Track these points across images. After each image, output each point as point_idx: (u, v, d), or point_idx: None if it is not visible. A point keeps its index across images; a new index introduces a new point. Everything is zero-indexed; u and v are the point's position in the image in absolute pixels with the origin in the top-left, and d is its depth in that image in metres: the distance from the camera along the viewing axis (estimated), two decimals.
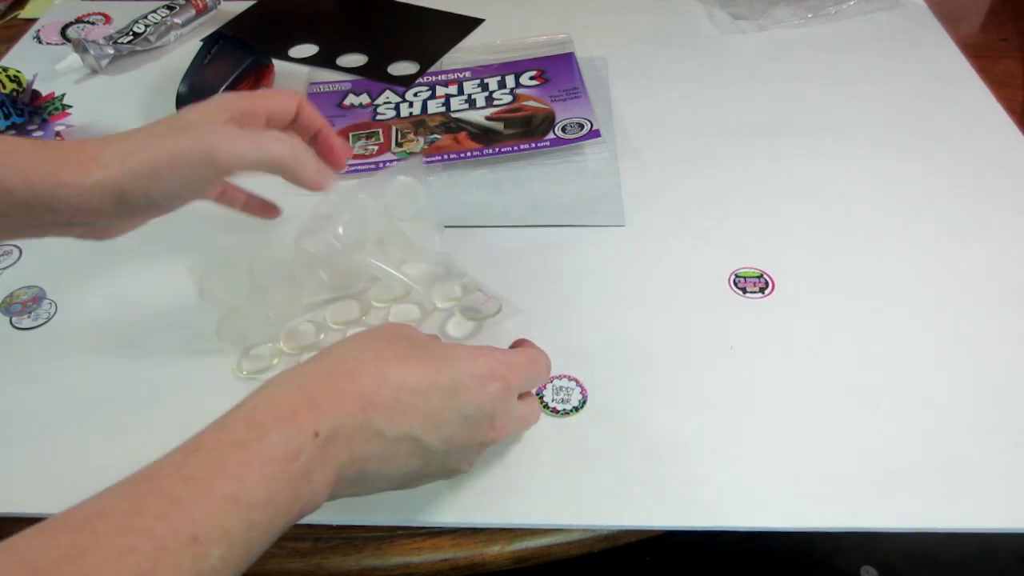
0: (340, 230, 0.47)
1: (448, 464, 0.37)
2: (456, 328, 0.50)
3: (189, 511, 0.28)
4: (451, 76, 0.72)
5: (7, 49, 0.79)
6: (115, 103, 0.71)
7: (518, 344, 0.44)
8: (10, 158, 0.38)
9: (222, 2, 0.83)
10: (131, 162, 0.39)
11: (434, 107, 0.68)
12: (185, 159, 0.39)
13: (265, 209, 0.51)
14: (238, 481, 0.29)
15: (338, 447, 0.32)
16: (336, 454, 0.32)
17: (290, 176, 0.43)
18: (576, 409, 0.45)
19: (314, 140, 0.47)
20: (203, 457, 0.30)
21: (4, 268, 0.55)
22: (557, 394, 0.46)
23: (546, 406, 0.45)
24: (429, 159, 0.63)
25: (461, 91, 0.70)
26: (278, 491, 0.30)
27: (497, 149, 0.63)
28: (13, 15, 0.85)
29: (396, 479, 0.36)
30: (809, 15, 0.79)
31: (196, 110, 0.42)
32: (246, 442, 0.30)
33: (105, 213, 0.40)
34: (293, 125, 0.46)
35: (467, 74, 0.72)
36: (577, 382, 0.46)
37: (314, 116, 0.46)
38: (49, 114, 0.60)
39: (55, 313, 0.52)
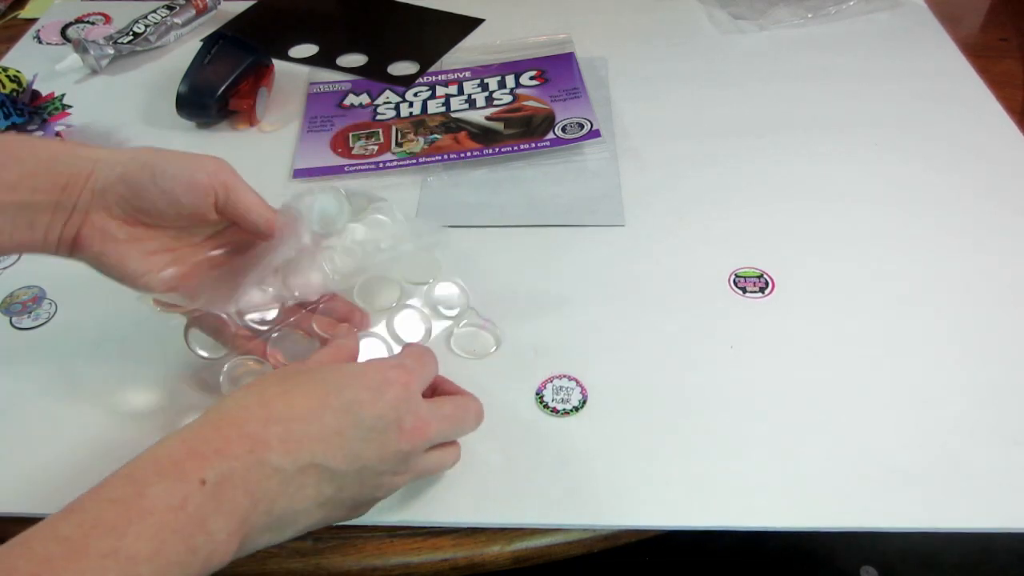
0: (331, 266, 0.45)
1: (370, 482, 0.35)
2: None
3: (62, 571, 0.26)
4: (451, 76, 0.72)
5: (7, 49, 0.79)
6: (115, 103, 0.71)
7: (442, 389, 0.42)
8: (23, 140, 0.39)
9: (222, 2, 0.83)
10: (134, 152, 0.40)
11: (434, 107, 0.68)
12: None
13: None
14: (116, 536, 0.28)
15: (233, 492, 0.30)
16: (233, 499, 0.30)
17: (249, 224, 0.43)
18: (576, 409, 0.45)
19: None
20: (79, 516, 0.28)
21: (4, 268, 0.55)
22: (557, 394, 0.46)
23: (546, 406, 0.45)
24: (429, 159, 0.63)
25: (461, 91, 0.70)
26: (165, 543, 0.28)
27: (497, 149, 0.63)
28: (13, 15, 0.85)
29: (315, 513, 0.34)
30: (809, 15, 0.79)
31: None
32: (125, 498, 0.29)
33: (114, 197, 0.39)
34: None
35: (467, 74, 0.72)
36: (577, 382, 0.46)
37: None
38: (49, 114, 0.60)
39: (55, 313, 0.52)
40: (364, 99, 0.70)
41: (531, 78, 0.70)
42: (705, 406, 0.45)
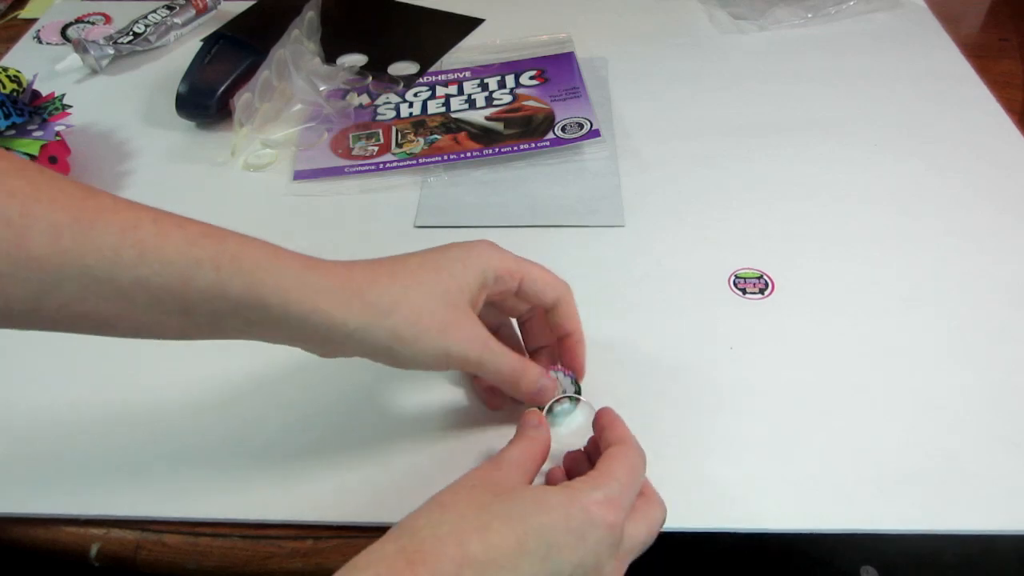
0: None
1: None
2: None
3: None
4: (451, 76, 0.72)
5: (7, 49, 0.79)
6: (115, 103, 0.71)
7: (603, 427, 0.39)
8: (276, 276, 0.35)
9: (222, 2, 0.83)
10: (394, 318, 0.36)
11: (434, 107, 0.68)
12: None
13: (489, 391, 0.45)
14: None
15: None
16: None
17: (508, 391, 0.41)
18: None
19: (560, 343, 0.44)
20: None
21: None
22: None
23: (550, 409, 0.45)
24: (429, 159, 0.63)
25: (461, 91, 0.70)
26: None
27: (497, 149, 0.63)
28: (13, 15, 0.85)
29: None
30: (809, 15, 0.79)
31: (464, 259, 0.40)
32: None
33: (346, 348, 0.37)
34: (546, 316, 0.43)
35: (467, 74, 0.72)
36: (576, 381, 0.46)
37: (572, 317, 0.43)
38: (49, 114, 0.60)
39: None
40: (364, 99, 0.70)
41: (531, 78, 0.70)
42: (705, 407, 0.45)
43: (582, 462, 0.41)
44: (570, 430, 0.44)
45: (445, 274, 0.39)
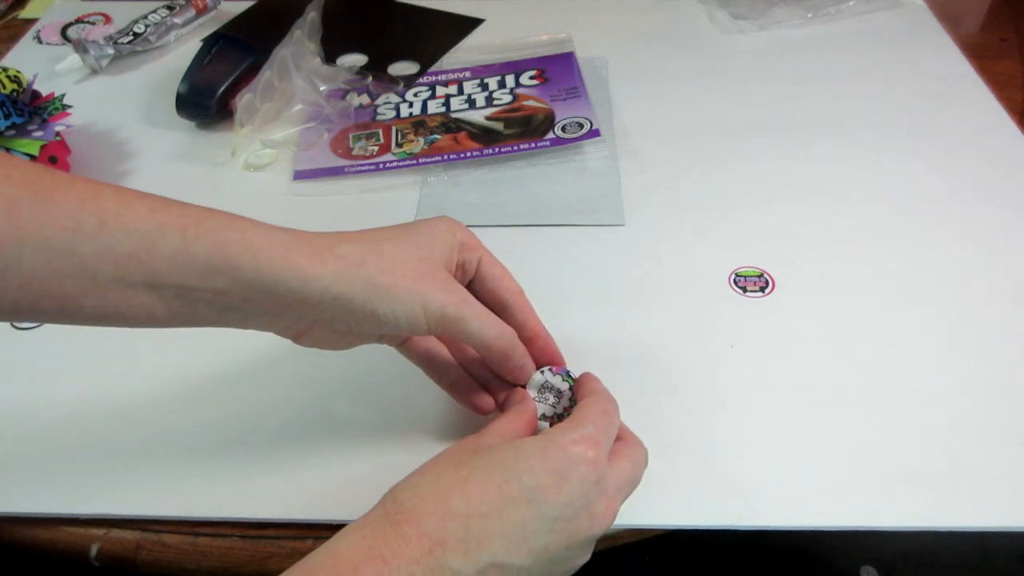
0: None
1: (557, 568, 0.33)
2: None
3: None
4: (451, 76, 0.72)
5: (7, 49, 0.79)
6: (115, 103, 0.71)
7: (579, 386, 0.39)
8: (244, 234, 0.34)
9: (222, 2, 0.83)
10: (367, 267, 0.35)
11: (434, 107, 0.68)
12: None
13: (471, 396, 0.42)
14: None
15: None
16: None
17: (494, 364, 0.39)
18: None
19: (529, 347, 0.42)
20: None
21: None
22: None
23: (543, 415, 0.45)
24: (429, 159, 0.63)
25: (461, 91, 0.70)
26: None
27: (497, 149, 0.63)
28: (13, 15, 0.85)
29: None
30: (809, 15, 0.79)
31: (430, 225, 0.39)
32: None
33: (320, 309, 0.35)
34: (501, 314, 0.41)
35: (467, 74, 0.72)
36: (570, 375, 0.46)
37: (532, 315, 0.41)
38: (49, 114, 0.60)
39: None
40: (364, 99, 0.70)
41: (531, 78, 0.70)
42: (705, 405, 0.45)
43: None
44: None
45: (414, 234, 0.38)
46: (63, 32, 0.81)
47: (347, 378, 0.47)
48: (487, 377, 0.42)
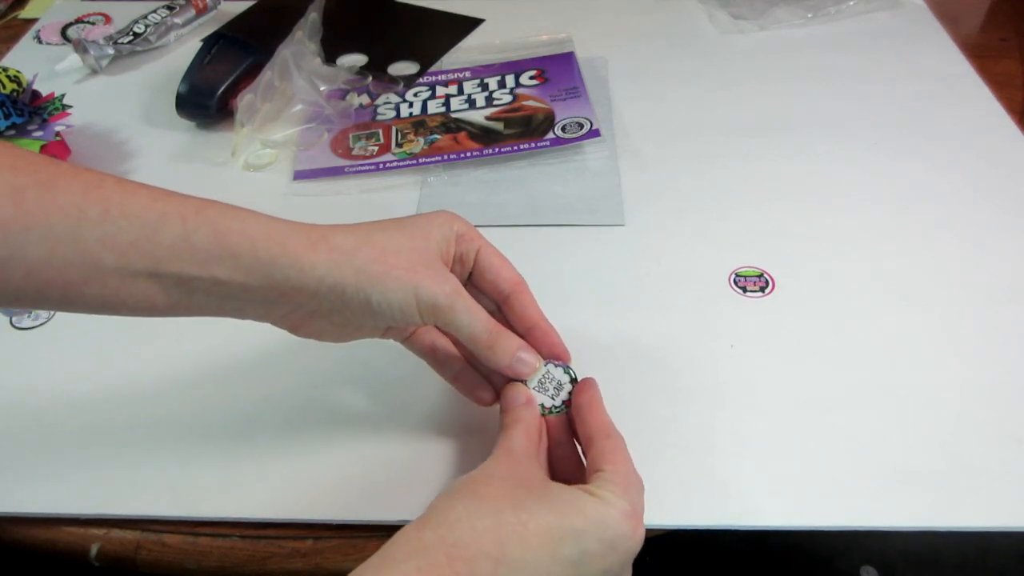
0: None
1: None
2: None
3: None
4: (451, 76, 0.72)
5: (7, 49, 0.79)
6: (115, 103, 0.71)
7: (581, 407, 0.39)
8: (243, 223, 0.35)
9: (222, 2, 0.83)
10: (360, 256, 0.36)
11: (434, 107, 0.68)
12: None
13: (474, 388, 0.42)
14: None
15: None
16: None
17: (479, 355, 0.39)
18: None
19: (528, 337, 0.42)
20: None
21: None
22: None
23: (542, 405, 0.45)
24: (429, 159, 0.63)
25: (461, 91, 0.70)
26: None
27: (497, 149, 0.63)
28: (13, 15, 0.85)
29: None
30: (809, 15, 0.79)
31: (427, 218, 0.39)
32: None
33: (317, 299, 0.36)
34: (502, 310, 0.42)
35: (467, 74, 0.72)
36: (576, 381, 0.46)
37: (532, 305, 0.41)
38: (49, 114, 0.60)
39: (55, 313, 0.52)
40: (364, 99, 0.70)
41: (531, 78, 0.70)
42: (705, 405, 0.45)
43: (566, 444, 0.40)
44: None
45: (409, 226, 0.38)
46: (63, 32, 0.81)
47: (348, 378, 0.47)
48: (489, 369, 0.42)
